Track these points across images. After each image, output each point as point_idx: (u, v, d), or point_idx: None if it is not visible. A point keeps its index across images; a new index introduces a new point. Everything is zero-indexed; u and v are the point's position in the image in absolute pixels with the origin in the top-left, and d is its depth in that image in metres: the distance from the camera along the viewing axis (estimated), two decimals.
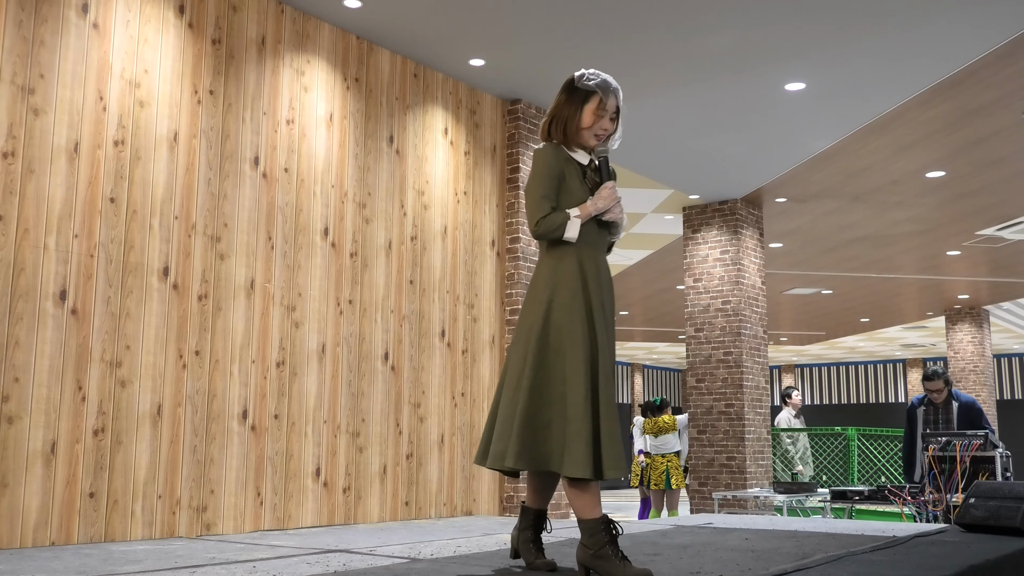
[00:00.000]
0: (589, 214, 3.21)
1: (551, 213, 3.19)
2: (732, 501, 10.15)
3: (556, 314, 3.15)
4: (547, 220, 3.18)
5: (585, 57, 6.95)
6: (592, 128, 3.28)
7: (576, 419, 3.02)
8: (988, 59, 7.04)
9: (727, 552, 3.97)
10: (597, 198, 3.24)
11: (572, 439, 3.01)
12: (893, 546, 4.13)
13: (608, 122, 3.29)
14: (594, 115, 3.27)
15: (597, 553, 3.03)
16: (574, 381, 3.06)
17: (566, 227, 3.18)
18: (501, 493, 7.44)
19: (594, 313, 3.16)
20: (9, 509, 4.55)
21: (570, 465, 3.01)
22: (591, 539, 3.05)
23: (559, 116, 3.31)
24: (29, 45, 4.88)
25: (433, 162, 7.22)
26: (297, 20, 6.31)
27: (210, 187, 5.65)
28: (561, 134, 3.31)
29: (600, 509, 3.11)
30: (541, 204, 3.20)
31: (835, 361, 30.73)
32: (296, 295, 6.06)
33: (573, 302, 3.15)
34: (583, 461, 2.98)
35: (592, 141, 3.30)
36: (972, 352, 18.87)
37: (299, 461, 5.95)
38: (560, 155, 3.27)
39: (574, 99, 3.30)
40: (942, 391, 7.41)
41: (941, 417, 7.38)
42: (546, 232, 3.19)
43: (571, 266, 3.20)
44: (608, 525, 3.07)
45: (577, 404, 3.03)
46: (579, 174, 3.30)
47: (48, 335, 4.79)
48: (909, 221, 11.81)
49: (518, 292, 7.61)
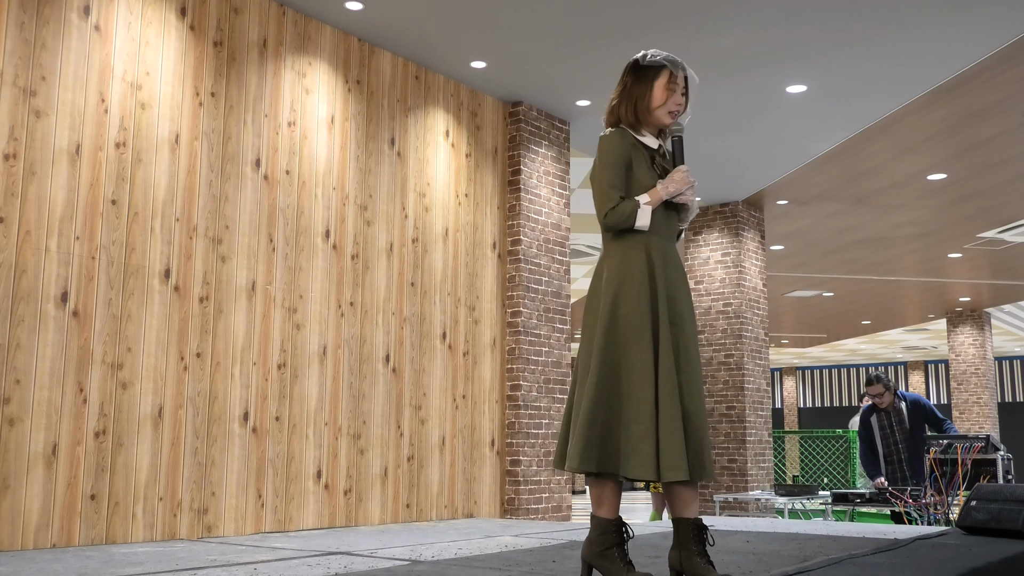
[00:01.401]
0: (660, 199, 3.06)
1: (620, 203, 3.05)
2: (733, 504, 10.15)
3: (623, 308, 3.00)
4: (616, 211, 3.04)
5: (587, 60, 6.96)
6: (666, 105, 3.13)
7: (641, 418, 2.90)
8: (990, 61, 7.04)
9: (728, 555, 3.96)
10: (669, 181, 3.09)
11: (640, 441, 2.88)
12: (894, 548, 4.12)
13: (680, 97, 3.15)
14: (666, 90, 3.13)
15: (603, 552, 3.00)
16: (640, 379, 2.93)
17: (636, 216, 3.03)
18: (502, 495, 7.44)
19: (659, 306, 3.01)
20: (10, 511, 4.55)
21: (634, 466, 2.88)
22: (600, 537, 3.01)
23: (628, 97, 3.16)
24: (31, 47, 4.89)
25: (434, 164, 7.22)
26: (298, 22, 6.31)
27: (211, 189, 5.66)
28: (632, 116, 3.16)
29: (617, 510, 3.04)
30: (609, 194, 3.06)
31: (836, 363, 30.71)
32: (297, 297, 6.06)
33: (640, 295, 3.01)
34: (651, 463, 2.86)
35: (666, 119, 3.15)
36: (973, 355, 18.87)
37: (300, 463, 5.95)
38: (627, 140, 3.12)
39: (642, 78, 3.16)
40: (883, 395, 7.42)
41: (894, 419, 7.40)
42: (616, 223, 3.05)
43: (638, 257, 3.05)
44: (620, 528, 3.02)
45: (641, 402, 2.91)
46: (647, 159, 3.14)
47: (49, 337, 4.79)
48: (910, 223, 11.81)
49: (519, 294, 7.62)
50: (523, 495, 7.39)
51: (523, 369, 7.53)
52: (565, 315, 8.03)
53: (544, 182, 7.95)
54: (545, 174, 7.97)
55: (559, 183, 8.12)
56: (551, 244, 7.97)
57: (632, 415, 2.92)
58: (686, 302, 3.10)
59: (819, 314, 19.66)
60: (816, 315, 19.81)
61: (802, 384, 31.75)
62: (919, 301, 17.99)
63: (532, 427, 7.55)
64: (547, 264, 7.90)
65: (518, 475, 7.40)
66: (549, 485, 7.65)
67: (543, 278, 7.84)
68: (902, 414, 7.40)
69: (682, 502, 3.04)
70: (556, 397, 7.82)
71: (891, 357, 28.57)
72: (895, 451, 7.38)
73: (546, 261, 7.89)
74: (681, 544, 3.00)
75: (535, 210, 7.84)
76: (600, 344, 2.99)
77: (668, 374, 2.95)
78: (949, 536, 4.74)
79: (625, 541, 3.02)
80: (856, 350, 26.73)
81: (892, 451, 7.39)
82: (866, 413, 7.59)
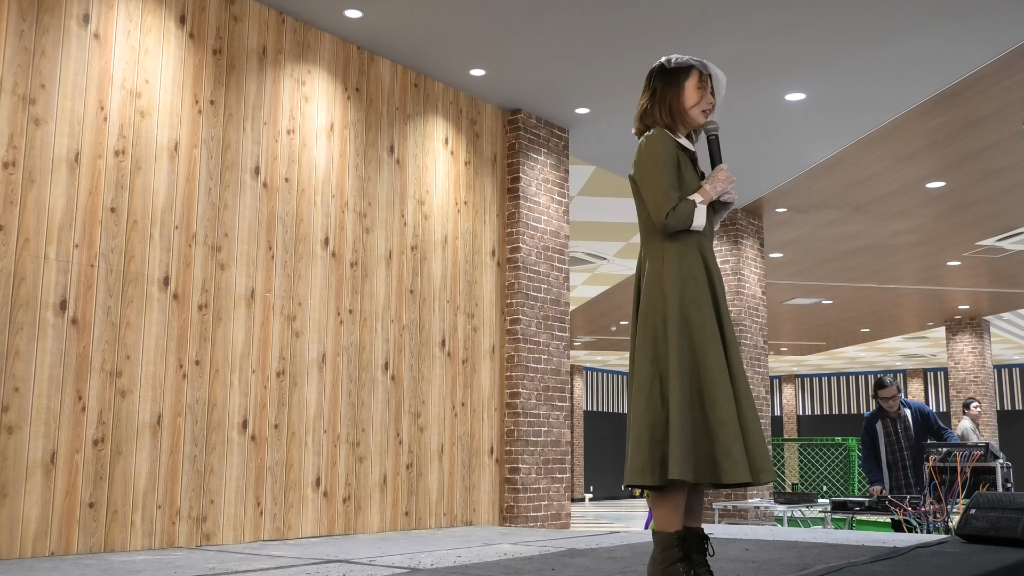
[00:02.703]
0: (710, 199, 3.05)
1: (680, 203, 3.00)
2: (732, 511, 10.14)
3: (694, 311, 2.94)
4: (677, 211, 2.99)
5: (586, 68, 6.97)
6: (700, 104, 3.13)
7: (729, 422, 2.83)
8: (988, 70, 7.06)
9: (728, 563, 3.96)
10: (715, 181, 3.07)
11: (731, 444, 2.80)
12: (893, 557, 4.12)
13: (711, 95, 3.15)
14: (697, 90, 3.13)
15: (667, 569, 2.90)
16: (720, 380, 2.88)
17: (695, 216, 3.00)
18: (501, 503, 7.43)
19: (719, 305, 2.99)
20: (9, 519, 4.54)
21: (729, 471, 2.79)
22: (663, 553, 2.91)
23: (662, 100, 3.14)
24: (30, 55, 4.89)
25: (434, 172, 7.23)
26: (298, 30, 6.32)
27: (210, 197, 5.66)
28: (668, 117, 3.14)
29: (680, 522, 2.93)
30: (669, 194, 3.01)
31: (835, 371, 30.70)
32: (296, 305, 6.06)
33: (705, 296, 2.97)
34: (744, 465, 2.79)
35: (700, 118, 3.14)
36: (972, 363, 18.86)
37: (299, 471, 5.94)
38: (672, 141, 3.09)
39: (672, 80, 3.15)
40: (896, 398, 7.43)
41: (899, 427, 7.40)
42: (678, 223, 3.00)
43: (695, 258, 3.02)
44: (684, 540, 2.91)
45: (726, 405, 2.84)
46: (690, 160, 3.13)
47: (48, 345, 4.79)
48: (909, 231, 11.82)
49: (518, 302, 7.62)
50: (522, 503, 7.38)
51: (522, 377, 7.53)
52: (564, 323, 8.03)
53: (543, 190, 7.96)
54: (544, 182, 7.98)
55: (558, 191, 8.13)
56: (550, 252, 7.97)
57: (718, 419, 2.85)
58: (727, 301, 3.12)
59: (818, 322, 19.66)
60: (815, 323, 19.81)
61: (801, 392, 31.72)
62: (918, 309, 17.99)
63: (531, 435, 7.54)
64: (546, 272, 7.90)
65: (517, 483, 7.39)
66: (548, 493, 7.65)
67: (542, 285, 7.84)
68: (907, 421, 7.40)
69: (698, 512, 3.02)
70: (555, 405, 7.82)
71: (890, 365, 28.56)
72: (900, 458, 7.38)
73: (545, 268, 7.90)
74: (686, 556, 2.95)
75: (534, 218, 7.84)
76: (676, 348, 2.91)
77: (740, 374, 2.94)
78: (948, 544, 4.73)
79: (690, 555, 2.90)
80: (855, 358, 26.72)
81: (897, 458, 7.39)
82: (871, 420, 7.59)
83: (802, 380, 31.75)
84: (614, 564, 4.03)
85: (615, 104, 7.64)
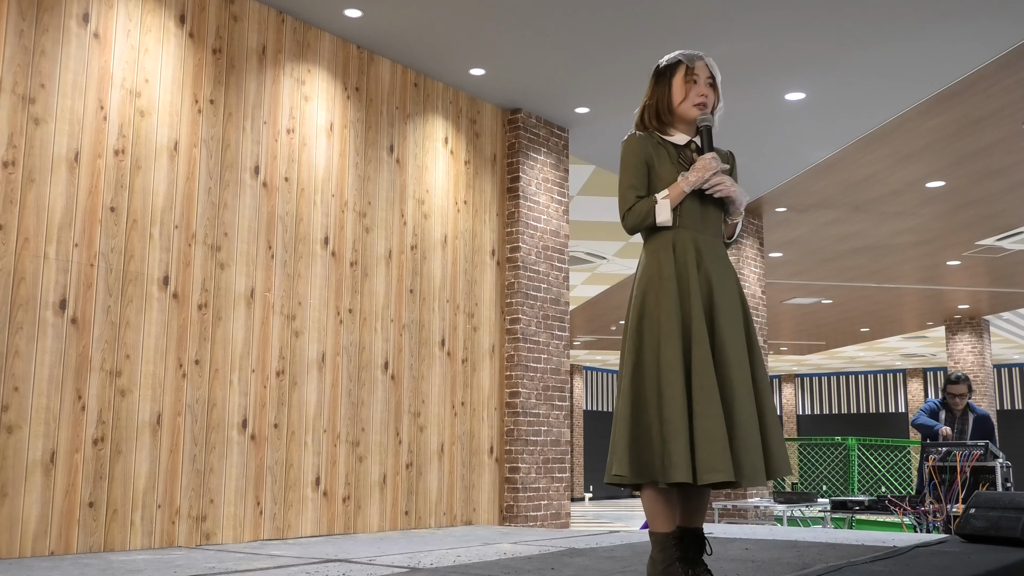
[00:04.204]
0: (682, 192, 2.97)
1: (636, 202, 3.00)
2: (732, 511, 10.13)
3: (649, 308, 2.92)
4: (633, 211, 3.00)
5: (585, 67, 6.97)
6: (688, 98, 3.07)
7: (672, 419, 2.75)
8: (988, 69, 7.06)
9: (727, 562, 3.96)
10: (691, 171, 2.99)
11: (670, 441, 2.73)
12: (893, 556, 4.12)
13: (705, 87, 3.07)
14: (684, 85, 3.07)
15: (665, 570, 2.87)
16: (669, 378, 2.80)
17: (655, 212, 2.96)
18: (501, 503, 7.43)
19: (691, 300, 2.89)
20: (8, 518, 4.54)
21: (662, 471, 2.74)
22: (660, 554, 2.88)
23: (650, 102, 3.13)
24: (30, 55, 4.89)
25: (433, 171, 7.23)
26: (298, 30, 6.32)
27: (210, 196, 5.66)
28: (655, 119, 3.12)
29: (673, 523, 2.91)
30: (626, 195, 3.02)
31: (835, 371, 30.70)
32: (296, 304, 6.06)
33: (667, 293, 2.90)
34: (683, 464, 2.70)
35: (692, 112, 3.07)
36: (972, 362, 18.86)
37: (299, 470, 5.94)
38: (646, 141, 3.07)
39: (661, 80, 3.13)
40: (965, 396, 7.41)
41: (957, 427, 7.39)
42: (635, 223, 3.00)
43: (665, 255, 2.96)
44: (680, 540, 2.89)
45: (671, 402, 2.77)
46: (671, 156, 3.06)
47: (48, 344, 4.78)
48: (909, 231, 11.82)
49: (518, 301, 7.62)
50: (522, 502, 7.38)
51: (522, 376, 7.53)
52: (564, 322, 8.03)
53: (543, 189, 7.96)
54: (544, 181, 7.98)
55: (558, 190, 8.13)
56: (550, 251, 7.97)
57: (664, 417, 2.78)
58: (729, 294, 2.98)
59: (818, 321, 19.66)
60: (815, 322, 19.81)
61: (801, 391, 31.73)
62: (918, 308, 18.00)
63: (531, 434, 7.54)
64: (546, 271, 7.90)
65: (517, 482, 7.39)
66: (548, 492, 7.65)
67: (542, 285, 7.84)
68: (967, 423, 7.38)
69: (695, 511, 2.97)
70: (555, 404, 7.82)
71: (890, 364, 28.56)
72: None
73: (545, 268, 7.90)
74: (684, 555, 2.93)
75: (534, 217, 7.84)
76: (630, 348, 2.91)
77: (704, 370, 2.80)
78: (948, 544, 4.73)
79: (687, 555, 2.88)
80: (855, 357, 26.73)
81: None
82: (934, 407, 7.52)
83: (802, 380, 31.75)
84: (614, 564, 4.03)
85: (615, 104, 7.64)
